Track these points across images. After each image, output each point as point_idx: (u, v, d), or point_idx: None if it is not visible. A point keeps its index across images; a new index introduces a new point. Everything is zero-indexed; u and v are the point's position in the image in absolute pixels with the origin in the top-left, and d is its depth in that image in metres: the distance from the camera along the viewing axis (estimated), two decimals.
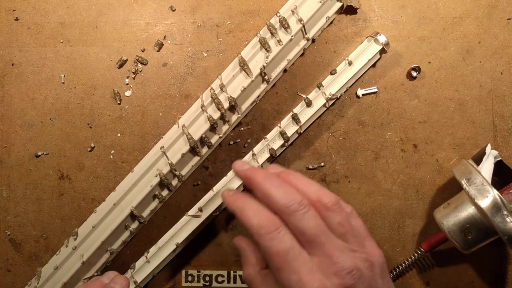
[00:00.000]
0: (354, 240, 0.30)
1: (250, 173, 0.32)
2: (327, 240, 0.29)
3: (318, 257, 0.28)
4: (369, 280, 0.28)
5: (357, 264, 0.28)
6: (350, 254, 0.29)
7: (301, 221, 0.29)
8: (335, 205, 0.30)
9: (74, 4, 0.41)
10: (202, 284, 0.40)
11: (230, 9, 0.41)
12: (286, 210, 0.29)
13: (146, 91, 0.41)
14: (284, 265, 0.28)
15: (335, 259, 0.28)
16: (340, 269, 0.28)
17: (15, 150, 0.40)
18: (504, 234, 0.32)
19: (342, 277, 0.28)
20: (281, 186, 0.30)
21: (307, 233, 0.28)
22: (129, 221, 0.38)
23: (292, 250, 0.28)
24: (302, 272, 0.28)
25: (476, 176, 0.34)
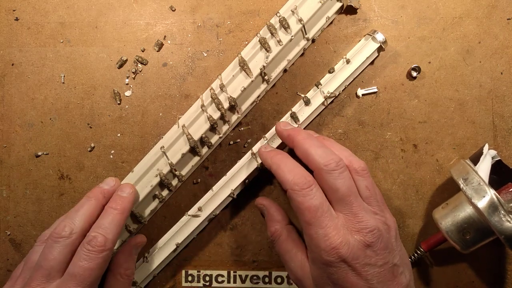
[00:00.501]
0: (376, 204, 0.33)
1: (292, 132, 0.35)
2: (356, 201, 0.31)
3: (345, 215, 0.31)
4: (386, 241, 0.31)
5: (378, 225, 0.31)
6: (372, 215, 0.32)
7: (336, 180, 0.31)
8: (364, 171, 0.33)
9: (74, 4, 0.41)
10: (202, 284, 0.40)
11: (230, 9, 0.41)
12: (325, 168, 0.31)
13: (146, 91, 0.41)
14: (313, 220, 0.30)
15: (360, 218, 0.31)
16: (364, 227, 0.31)
17: (15, 150, 0.40)
18: (501, 234, 0.32)
19: (364, 235, 0.30)
20: (321, 147, 0.33)
21: (340, 191, 0.31)
22: (129, 221, 0.38)
23: (321, 207, 0.31)
24: (329, 227, 0.30)
25: (473, 176, 0.34)
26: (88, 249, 0.31)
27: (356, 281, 0.30)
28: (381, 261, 0.30)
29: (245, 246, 0.40)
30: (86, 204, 0.33)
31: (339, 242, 0.30)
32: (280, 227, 0.35)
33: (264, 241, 0.40)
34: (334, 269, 0.30)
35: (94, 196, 0.34)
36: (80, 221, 0.32)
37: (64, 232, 0.31)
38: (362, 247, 0.30)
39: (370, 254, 0.30)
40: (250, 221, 0.40)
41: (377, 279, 0.30)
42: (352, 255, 0.30)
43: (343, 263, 0.30)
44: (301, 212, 0.31)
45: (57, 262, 0.31)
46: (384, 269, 0.30)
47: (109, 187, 0.35)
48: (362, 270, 0.30)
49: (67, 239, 0.31)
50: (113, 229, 0.32)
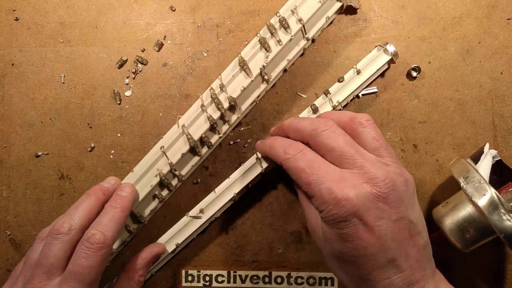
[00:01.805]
0: (388, 155, 0.30)
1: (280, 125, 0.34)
2: (358, 154, 0.29)
3: (350, 171, 0.28)
4: (402, 193, 0.28)
5: (390, 175, 0.28)
6: (383, 166, 0.29)
7: (328, 139, 0.29)
8: (369, 121, 0.30)
9: (74, 4, 0.41)
10: (202, 284, 0.40)
11: (230, 9, 0.41)
12: (314, 133, 0.30)
13: (146, 91, 0.41)
14: (311, 178, 0.28)
15: (367, 169, 0.28)
16: (373, 176, 0.28)
17: (15, 150, 0.40)
18: (501, 232, 0.32)
19: (375, 184, 0.27)
20: (307, 118, 0.32)
21: (336, 148, 0.29)
22: (129, 221, 0.38)
23: (317, 162, 0.29)
24: (332, 181, 0.28)
25: (474, 175, 0.34)
26: (87, 246, 0.31)
27: (368, 238, 0.27)
28: (395, 215, 0.27)
29: (245, 246, 0.40)
30: (85, 201, 0.33)
31: (346, 192, 0.27)
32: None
33: (264, 241, 0.40)
34: (343, 224, 0.27)
35: (93, 193, 0.34)
36: (79, 218, 0.32)
37: (63, 228, 0.31)
38: (373, 198, 0.27)
39: (383, 206, 0.27)
40: (250, 221, 0.40)
41: (391, 236, 0.27)
42: (362, 206, 0.27)
43: (352, 216, 0.27)
44: (298, 177, 0.29)
45: (57, 259, 0.31)
46: (399, 225, 0.27)
47: (109, 185, 0.35)
48: (374, 224, 0.27)
49: (66, 236, 0.31)
50: (113, 227, 0.32)
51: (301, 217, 0.40)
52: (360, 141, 0.30)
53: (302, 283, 0.40)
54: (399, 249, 0.28)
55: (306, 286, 0.40)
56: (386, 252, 0.27)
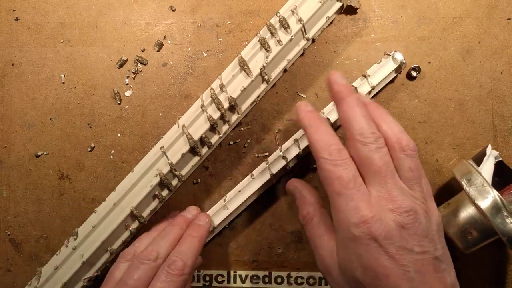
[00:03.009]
0: (419, 189, 0.29)
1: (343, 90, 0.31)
2: (392, 179, 0.28)
3: (377, 192, 0.28)
4: (426, 228, 0.28)
5: (415, 207, 0.28)
6: (411, 197, 0.28)
7: (372, 152, 0.29)
8: (412, 150, 0.30)
9: (74, 4, 0.41)
10: (202, 284, 0.40)
11: (230, 9, 0.41)
12: (361, 139, 0.29)
13: (146, 91, 0.41)
14: (344, 191, 0.28)
15: (395, 197, 0.28)
16: (398, 206, 0.28)
17: (15, 150, 0.40)
18: (504, 235, 0.32)
19: (399, 214, 0.27)
20: (365, 117, 0.30)
21: (374, 164, 0.29)
22: (129, 221, 0.38)
23: (354, 180, 0.28)
24: (360, 201, 0.28)
25: (477, 177, 0.34)
26: (168, 272, 0.32)
27: (390, 266, 0.27)
28: (418, 248, 0.27)
29: (245, 246, 0.40)
30: (171, 232, 0.35)
31: (371, 216, 0.27)
32: (313, 210, 0.32)
33: (264, 241, 0.40)
34: (364, 248, 0.27)
35: (178, 225, 0.36)
36: (165, 247, 0.34)
37: (151, 256, 0.33)
38: (397, 227, 0.27)
39: (406, 236, 0.27)
40: (250, 221, 0.40)
41: (414, 268, 0.26)
42: (385, 233, 0.27)
43: (374, 241, 0.27)
44: (330, 182, 0.29)
45: (141, 282, 0.32)
46: (422, 258, 0.27)
47: (191, 216, 0.38)
48: (396, 253, 0.27)
49: (153, 262, 0.33)
50: (191, 255, 0.34)
51: None
52: (395, 165, 0.30)
53: (302, 283, 0.40)
54: (422, 282, 0.27)
55: (306, 286, 0.40)
56: (409, 283, 0.27)
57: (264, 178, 0.38)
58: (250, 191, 0.39)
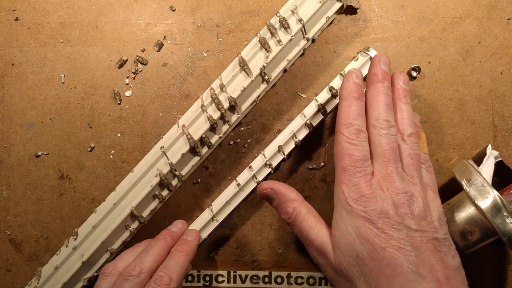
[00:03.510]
0: (417, 177, 0.31)
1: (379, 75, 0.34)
2: (394, 163, 0.31)
3: (379, 172, 0.31)
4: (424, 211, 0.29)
5: (413, 191, 0.30)
6: (408, 182, 0.31)
7: (382, 137, 0.31)
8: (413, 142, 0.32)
9: (74, 4, 0.41)
10: (202, 284, 0.40)
11: (230, 9, 0.41)
12: (374, 123, 0.32)
13: (146, 91, 0.41)
14: (350, 168, 0.30)
15: (393, 179, 0.30)
16: (395, 187, 0.30)
17: (15, 150, 0.40)
18: (504, 235, 0.32)
19: (396, 194, 0.29)
20: (385, 105, 0.32)
21: (381, 148, 0.31)
22: (129, 221, 0.38)
23: (363, 161, 0.31)
24: (363, 180, 0.30)
25: (477, 177, 0.34)
26: (154, 287, 0.32)
27: (385, 238, 0.28)
28: (415, 226, 0.28)
29: (245, 246, 0.40)
30: (155, 246, 0.35)
31: (369, 193, 0.29)
32: (298, 205, 0.33)
33: (264, 241, 0.40)
34: (361, 220, 0.29)
35: (163, 238, 0.36)
36: (149, 262, 0.34)
37: (134, 271, 0.33)
38: (392, 205, 0.29)
39: (402, 214, 0.29)
40: (250, 221, 0.40)
41: (410, 243, 0.28)
42: (380, 209, 0.29)
43: (369, 216, 0.29)
44: (340, 157, 0.31)
45: None
46: (420, 235, 0.28)
47: (177, 229, 0.38)
48: (392, 228, 0.28)
49: (136, 278, 0.33)
50: (178, 270, 0.33)
51: None
52: (400, 153, 0.32)
53: (302, 283, 0.40)
54: (421, 258, 0.28)
55: (306, 286, 0.40)
56: (406, 256, 0.28)
57: (250, 186, 0.39)
58: (237, 201, 0.39)
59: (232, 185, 0.39)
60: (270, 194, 0.34)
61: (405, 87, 0.35)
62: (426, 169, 0.33)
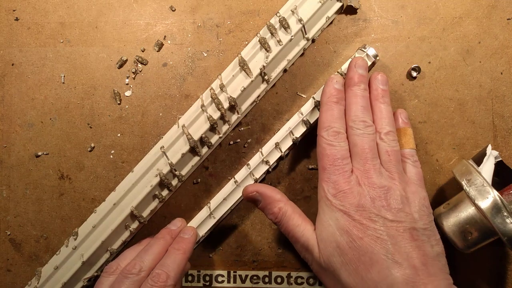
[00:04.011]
0: (396, 172, 0.33)
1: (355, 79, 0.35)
2: (371, 160, 0.33)
3: (357, 170, 0.33)
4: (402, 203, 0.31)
5: (391, 186, 0.32)
6: (387, 178, 0.32)
7: (359, 137, 0.33)
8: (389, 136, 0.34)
9: (74, 4, 0.41)
10: (202, 284, 0.40)
11: (230, 9, 0.41)
12: (351, 124, 0.34)
13: (146, 91, 0.41)
14: (329, 167, 0.33)
15: (371, 175, 0.32)
16: (372, 182, 0.32)
17: (15, 150, 0.40)
18: (504, 235, 0.32)
19: (373, 189, 0.31)
20: (363, 107, 0.34)
21: (358, 147, 0.33)
22: (129, 221, 0.38)
23: (341, 160, 0.33)
24: (341, 177, 0.32)
25: (477, 177, 0.34)
26: (151, 284, 0.32)
27: (362, 229, 0.30)
28: (392, 217, 0.30)
29: (245, 246, 0.40)
30: (155, 245, 0.36)
31: (347, 188, 0.31)
32: (284, 205, 0.34)
33: (264, 241, 0.40)
34: (340, 213, 0.31)
35: (162, 237, 0.36)
36: (148, 261, 0.34)
37: (134, 269, 0.34)
38: (370, 198, 0.31)
39: (379, 207, 0.31)
40: (250, 221, 0.40)
41: (387, 232, 0.30)
42: (357, 202, 0.31)
43: (347, 209, 0.31)
44: (321, 157, 0.33)
45: None
46: (396, 226, 0.30)
47: (176, 228, 0.38)
48: (368, 219, 0.30)
49: (136, 276, 0.33)
50: (175, 268, 0.34)
51: None
52: (378, 151, 0.34)
53: (302, 283, 0.40)
54: (397, 246, 0.30)
55: (306, 286, 0.40)
56: (382, 244, 0.30)
57: (248, 183, 0.39)
58: (234, 198, 0.39)
59: (230, 182, 0.39)
60: (255, 196, 0.35)
61: (383, 87, 0.36)
62: (412, 164, 0.35)
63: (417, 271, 0.29)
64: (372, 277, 0.29)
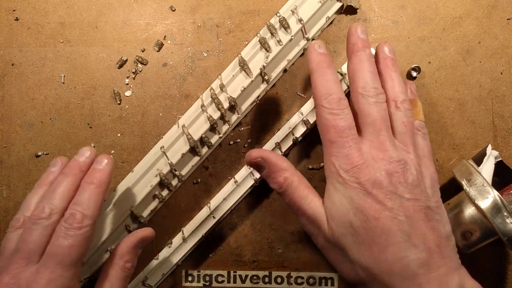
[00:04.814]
0: (411, 144, 0.30)
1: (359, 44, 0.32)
2: (386, 131, 0.30)
3: (370, 142, 0.30)
4: (417, 179, 0.29)
5: (406, 159, 0.29)
6: (401, 150, 0.30)
7: (370, 106, 0.30)
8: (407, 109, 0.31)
9: (74, 4, 0.41)
10: (202, 284, 0.40)
11: (230, 9, 0.41)
12: (362, 92, 0.30)
13: (146, 91, 0.41)
14: (337, 139, 0.29)
15: (386, 147, 0.29)
16: (388, 156, 0.29)
17: (15, 150, 0.40)
18: (504, 235, 0.32)
19: (389, 163, 0.29)
20: (371, 73, 0.31)
21: (371, 116, 0.30)
22: (129, 221, 0.38)
23: (349, 130, 0.29)
24: (352, 149, 0.29)
25: (477, 177, 0.34)
26: (66, 227, 0.29)
27: (379, 209, 0.28)
28: (408, 195, 0.28)
29: (245, 246, 0.40)
30: (63, 182, 0.32)
31: (361, 163, 0.28)
32: (290, 174, 0.31)
33: (264, 241, 0.40)
34: (354, 191, 0.28)
35: (70, 173, 0.32)
36: (59, 201, 0.31)
37: (43, 213, 0.30)
38: (386, 174, 0.28)
39: (396, 184, 0.28)
40: (250, 221, 0.40)
41: (404, 213, 0.28)
42: (374, 179, 0.28)
43: (363, 186, 0.28)
44: (326, 130, 0.30)
45: (37, 245, 0.29)
46: (413, 205, 0.28)
47: (84, 158, 0.33)
48: (385, 198, 0.28)
49: (47, 221, 0.30)
50: (91, 205, 0.30)
51: None
52: (391, 121, 0.31)
53: (302, 283, 0.40)
54: (413, 227, 0.28)
55: (306, 286, 0.40)
56: (399, 226, 0.28)
57: (248, 183, 0.39)
58: (234, 198, 0.39)
59: (230, 182, 0.39)
60: (260, 162, 0.32)
61: (392, 56, 0.34)
62: (421, 136, 0.32)
63: (432, 253, 0.28)
64: (387, 258, 0.27)
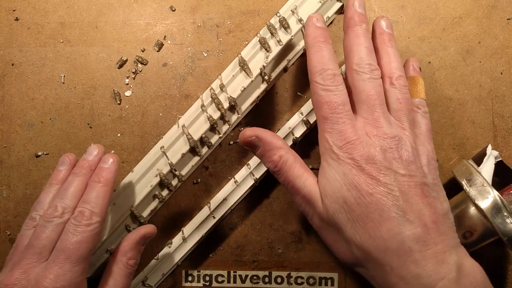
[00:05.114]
0: (406, 121, 0.30)
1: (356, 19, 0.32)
2: (380, 107, 0.30)
3: (364, 119, 0.30)
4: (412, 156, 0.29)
5: (401, 136, 0.29)
6: (396, 127, 0.30)
7: (365, 82, 0.30)
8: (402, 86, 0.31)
9: (74, 4, 0.41)
10: (202, 284, 0.40)
11: (230, 9, 0.41)
12: (357, 68, 0.30)
13: (146, 91, 0.41)
14: (331, 115, 0.29)
15: (380, 124, 0.29)
16: (382, 132, 0.29)
17: (15, 150, 0.40)
18: (504, 235, 0.32)
19: (383, 139, 0.29)
20: (367, 49, 0.31)
21: (365, 93, 0.30)
22: (129, 221, 0.38)
23: (342, 106, 0.29)
24: (346, 124, 0.29)
25: (477, 177, 0.34)
26: (75, 224, 0.30)
27: (373, 184, 0.28)
28: (403, 171, 0.28)
29: (245, 246, 0.40)
30: (74, 181, 0.33)
31: (355, 139, 0.28)
32: (285, 153, 0.31)
33: (264, 241, 0.40)
34: (348, 167, 0.28)
35: (79, 172, 0.34)
36: (71, 200, 0.32)
37: (57, 212, 0.31)
38: (380, 150, 0.28)
39: (390, 159, 0.28)
40: (250, 221, 0.40)
41: (398, 188, 0.27)
42: (367, 155, 0.28)
43: (356, 162, 0.28)
44: (319, 106, 0.30)
45: (49, 241, 0.31)
46: (408, 181, 0.28)
47: (93, 157, 0.35)
48: (379, 173, 0.28)
49: (59, 219, 0.31)
50: (99, 203, 0.32)
51: (301, 217, 0.40)
52: (386, 98, 0.31)
53: (302, 283, 0.40)
54: (409, 203, 0.28)
55: (306, 286, 0.40)
56: (393, 201, 0.27)
57: (248, 183, 0.39)
58: (234, 198, 0.39)
59: (230, 182, 0.39)
60: (254, 141, 0.32)
61: (389, 31, 0.33)
62: (422, 114, 0.32)
63: (428, 230, 0.27)
64: (382, 235, 0.27)
